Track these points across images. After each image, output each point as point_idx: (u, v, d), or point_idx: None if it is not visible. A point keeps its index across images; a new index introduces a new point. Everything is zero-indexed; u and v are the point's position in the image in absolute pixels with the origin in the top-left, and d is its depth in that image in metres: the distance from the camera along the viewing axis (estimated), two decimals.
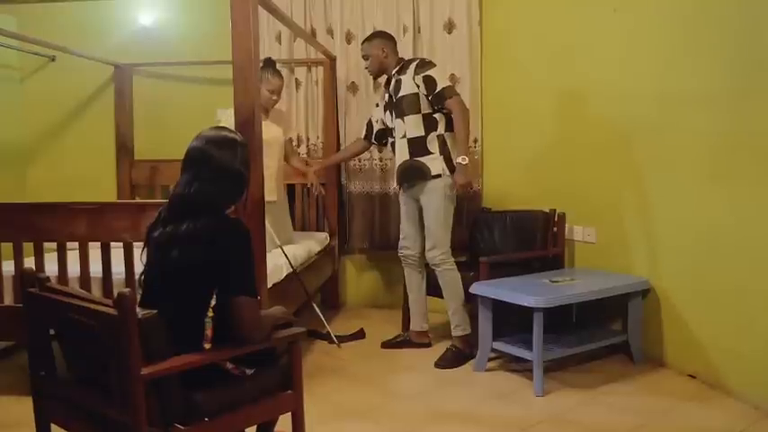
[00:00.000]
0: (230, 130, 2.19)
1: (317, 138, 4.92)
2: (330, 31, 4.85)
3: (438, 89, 3.65)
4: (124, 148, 5.05)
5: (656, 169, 3.54)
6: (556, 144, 4.23)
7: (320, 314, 4.04)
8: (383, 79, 3.97)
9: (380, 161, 4.81)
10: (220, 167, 2.04)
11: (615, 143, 3.79)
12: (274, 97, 4.00)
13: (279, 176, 4.05)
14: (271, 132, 3.88)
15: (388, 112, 3.92)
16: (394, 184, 4.32)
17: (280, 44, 4.90)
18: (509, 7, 4.53)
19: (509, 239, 4.15)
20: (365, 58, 3.90)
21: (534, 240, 4.05)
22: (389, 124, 3.93)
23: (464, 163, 3.63)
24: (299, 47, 4.89)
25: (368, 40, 3.92)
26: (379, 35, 3.93)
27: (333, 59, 4.76)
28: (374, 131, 4.12)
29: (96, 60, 4.86)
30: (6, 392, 3.25)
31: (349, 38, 4.79)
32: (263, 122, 3.84)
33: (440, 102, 3.67)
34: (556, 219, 4.04)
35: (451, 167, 3.68)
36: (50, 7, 4.63)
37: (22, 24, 4.80)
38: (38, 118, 5.10)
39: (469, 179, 3.75)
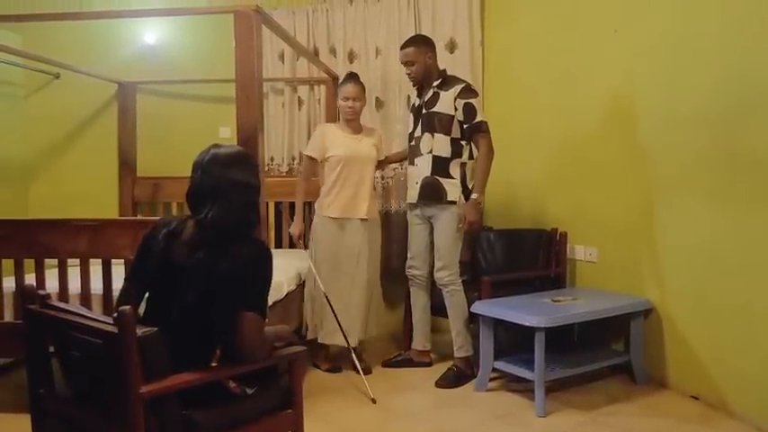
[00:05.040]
0: (233, 146, 2.19)
1: None
2: (333, 51, 4.88)
3: (476, 121, 3.64)
4: (127, 164, 5.07)
5: (658, 189, 3.54)
6: (557, 163, 4.24)
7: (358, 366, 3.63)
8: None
9: (382, 179, 4.81)
10: (245, 187, 2.06)
11: (617, 163, 3.80)
12: (349, 104, 3.83)
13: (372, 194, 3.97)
14: (362, 148, 3.86)
15: (413, 117, 3.88)
16: (402, 201, 4.26)
17: (282, 63, 4.94)
18: (511, 27, 4.56)
19: (511, 258, 4.13)
20: (409, 63, 3.75)
21: (536, 259, 4.05)
22: (410, 128, 3.90)
23: (478, 201, 3.64)
24: (302, 65, 4.92)
25: (412, 45, 3.77)
26: (424, 41, 3.81)
27: (335, 78, 4.78)
28: None
29: (100, 78, 4.90)
30: (5, 410, 3.23)
31: (351, 57, 4.83)
32: (350, 137, 3.86)
33: (472, 133, 3.66)
34: (557, 238, 4.04)
35: (467, 195, 3.68)
36: (55, 25, 4.67)
37: (28, 42, 4.83)
38: (41, 134, 5.12)
39: (480, 218, 3.75)
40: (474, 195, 3.65)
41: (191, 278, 1.98)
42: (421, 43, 3.79)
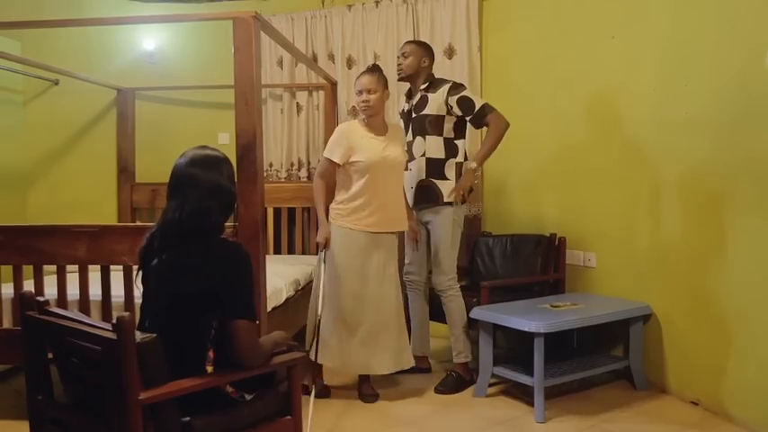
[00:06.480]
0: (213, 148, 2.15)
1: (318, 161, 4.92)
2: (331, 57, 4.89)
3: (477, 107, 3.61)
4: (125, 171, 5.08)
5: (656, 194, 3.55)
6: (556, 169, 4.24)
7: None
8: (404, 87, 3.91)
9: None
10: (209, 188, 2.03)
11: (615, 168, 3.81)
12: (363, 98, 3.39)
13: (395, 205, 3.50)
14: (390, 152, 3.42)
15: (402, 122, 3.88)
16: None
17: (281, 69, 4.95)
18: (509, 33, 4.57)
19: (509, 264, 4.14)
20: (404, 55, 3.73)
21: (535, 265, 4.05)
22: None
23: (473, 168, 3.61)
24: (301, 71, 4.94)
25: (414, 43, 3.83)
26: (427, 46, 3.83)
27: (334, 84, 4.80)
28: None
29: (99, 84, 4.91)
30: (4, 416, 3.23)
31: (350, 63, 4.83)
32: (375, 139, 3.40)
33: (481, 119, 3.63)
34: (556, 243, 4.04)
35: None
36: (54, 32, 4.68)
37: (27, 48, 4.84)
38: (40, 141, 5.12)
39: (471, 185, 3.66)
40: (472, 164, 3.61)
41: (159, 279, 1.98)
42: (423, 46, 3.83)
